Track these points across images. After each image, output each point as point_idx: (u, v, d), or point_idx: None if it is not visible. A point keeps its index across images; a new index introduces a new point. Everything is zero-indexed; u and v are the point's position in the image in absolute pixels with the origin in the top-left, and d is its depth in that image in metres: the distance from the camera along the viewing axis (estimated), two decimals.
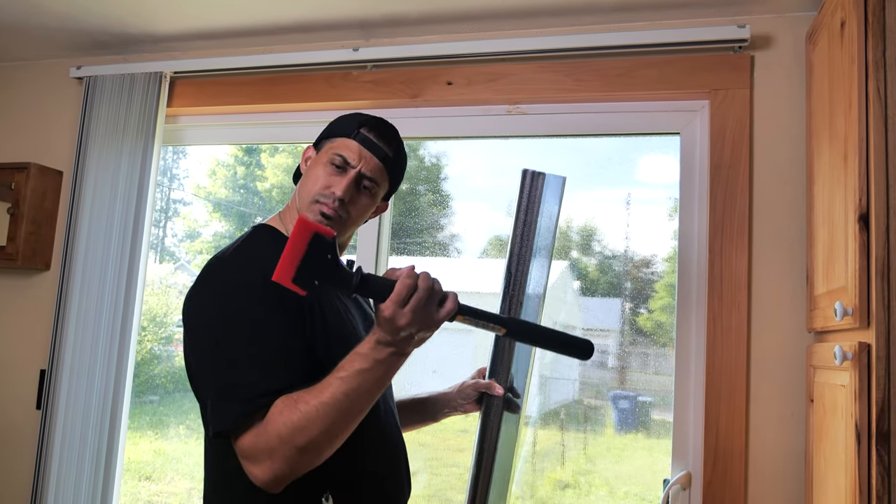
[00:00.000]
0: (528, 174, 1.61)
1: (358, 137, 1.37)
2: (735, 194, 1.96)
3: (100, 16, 2.35)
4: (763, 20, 2.03)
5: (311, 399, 1.10)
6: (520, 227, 1.58)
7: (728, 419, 1.89)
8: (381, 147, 1.38)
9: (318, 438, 1.10)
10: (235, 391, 1.12)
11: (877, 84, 1.37)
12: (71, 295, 2.41)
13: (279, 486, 1.11)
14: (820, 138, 1.73)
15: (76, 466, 2.31)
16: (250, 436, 1.11)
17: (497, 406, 1.55)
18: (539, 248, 1.58)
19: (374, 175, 1.37)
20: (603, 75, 2.11)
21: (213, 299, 1.22)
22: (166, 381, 2.74)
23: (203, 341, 1.21)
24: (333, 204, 1.33)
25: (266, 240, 1.35)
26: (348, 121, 1.41)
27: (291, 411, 1.09)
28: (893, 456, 1.27)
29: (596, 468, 2.20)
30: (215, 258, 1.30)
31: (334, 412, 1.10)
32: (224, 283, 1.22)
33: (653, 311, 2.20)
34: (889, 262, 1.32)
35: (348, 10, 2.19)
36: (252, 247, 1.32)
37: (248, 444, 1.11)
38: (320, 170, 1.36)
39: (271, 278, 1.08)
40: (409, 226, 2.41)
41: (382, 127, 1.41)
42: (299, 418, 1.09)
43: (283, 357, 1.17)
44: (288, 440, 1.08)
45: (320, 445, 1.11)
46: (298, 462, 1.10)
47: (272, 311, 1.18)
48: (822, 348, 1.65)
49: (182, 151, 2.83)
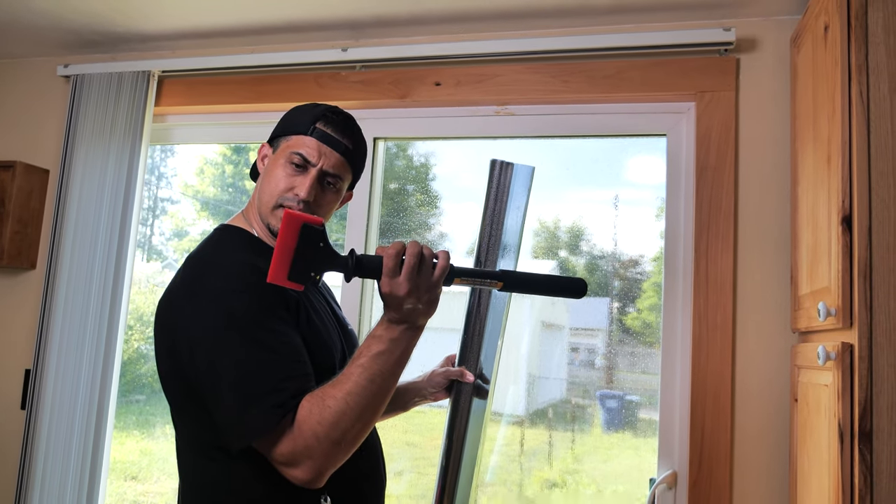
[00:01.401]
0: (497, 164, 1.62)
1: (315, 134, 1.32)
2: (721, 195, 1.98)
3: (88, 14, 2.34)
4: (748, 23, 2.05)
5: (336, 392, 1.11)
6: (489, 218, 1.59)
7: (713, 418, 1.90)
8: (340, 140, 1.34)
9: (353, 428, 1.11)
10: (261, 399, 1.10)
11: (860, 87, 1.39)
12: (57, 294, 2.40)
13: (322, 482, 1.12)
14: (804, 140, 1.75)
15: (61, 467, 2.30)
16: (287, 441, 1.10)
17: (467, 393, 1.56)
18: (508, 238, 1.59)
19: (336, 171, 1.34)
20: (590, 77, 2.12)
21: (207, 310, 1.17)
22: (152, 381, 2.72)
23: (208, 354, 1.15)
24: (298, 206, 1.30)
25: (238, 242, 1.33)
26: (302, 116, 1.35)
27: (321, 409, 1.10)
28: (876, 455, 1.29)
29: (583, 467, 2.21)
30: (192, 267, 1.26)
31: (362, 400, 1.11)
32: (216, 293, 1.18)
33: (640, 310, 2.21)
34: (871, 263, 1.34)
35: (337, 10, 2.19)
36: (228, 252, 1.29)
37: (286, 450, 1.10)
38: (280, 170, 1.32)
39: (266, 280, 1.08)
40: (397, 225, 2.41)
41: (339, 119, 1.36)
42: (331, 414, 1.09)
43: (296, 356, 1.17)
44: (324, 437, 1.09)
45: (356, 434, 1.13)
46: (338, 455, 1.12)
47: (272, 314, 1.18)
48: (805, 348, 1.67)
49: (170, 150, 2.82)
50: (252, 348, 1.14)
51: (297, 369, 1.15)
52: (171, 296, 1.25)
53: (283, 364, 1.14)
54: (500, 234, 1.59)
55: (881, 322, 1.32)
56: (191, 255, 1.31)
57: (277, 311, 1.19)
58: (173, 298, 1.25)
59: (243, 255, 1.26)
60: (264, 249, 1.32)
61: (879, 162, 1.36)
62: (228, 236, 1.35)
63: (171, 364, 1.24)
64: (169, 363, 1.25)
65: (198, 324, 1.18)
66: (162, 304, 1.28)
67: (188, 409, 1.25)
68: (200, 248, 1.33)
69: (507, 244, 1.60)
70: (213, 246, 1.32)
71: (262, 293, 1.18)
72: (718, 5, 2.01)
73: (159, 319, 1.27)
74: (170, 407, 1.30)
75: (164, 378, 1.28)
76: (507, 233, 1.59)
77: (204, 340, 1.16)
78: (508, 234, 1.60)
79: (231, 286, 1.19)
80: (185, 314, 1.20)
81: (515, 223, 1.61)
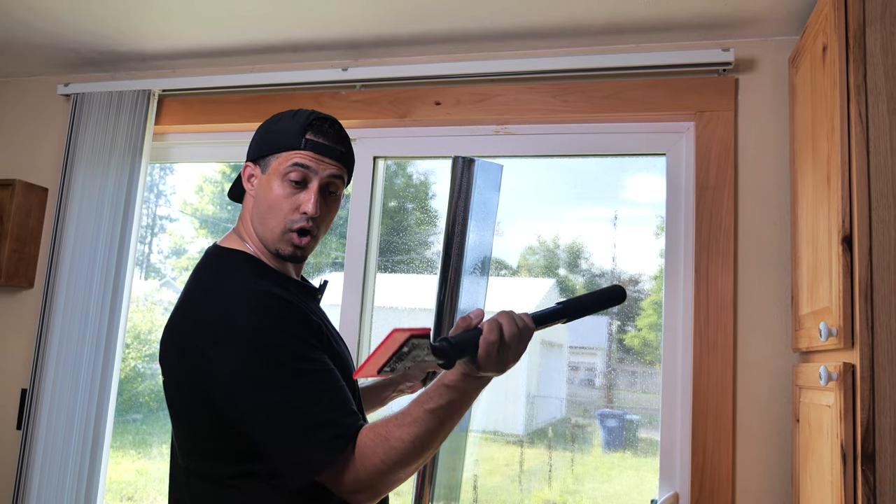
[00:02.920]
0: (459, 161, 1.61)
1: (308, 146, 1.27)
2: (721, 214, 1.98)
3: (88, 33, 2.35)
4: (747, 44, 2.06)
5: (403, 435, 1.12)
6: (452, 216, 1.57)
7: (715, 439, 1.89)
8: (334, 147, 1.30)
9: (412, 468, 1.15)
10: (319, 432, 1.11)
11: (858, 108, 1.39)
12: (54, 313, 2.39)
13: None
14: (803, 160, 1.75)
15: (57, 487, 2.27)
16: (350, 473, 1.12)
17: None
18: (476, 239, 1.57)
19: (335, 178, 1.30)
20: (590, 97, 2.13)
21: (241, 350, 1.14)
22: (150, 400, 2.71)
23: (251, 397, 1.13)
24: (308, 224, 1.27)
25: (247, 267, 1.29)
26: (288, 128, 1.29)
27: (386, 448, 1.11)
28: (879, 476, 1.28)
29: (583, 487, 2.20)
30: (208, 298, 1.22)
31: (426, 445, 1.13)
32: (247, 331, 1.15)
33: (640, 329, 2.21)
34: (872, 283, 1.33)
35: (338, 30, 2.21)
36: (242, 280, 1.25)
37: (349, 481, 1.12)
38: (278, 190, 1.27)
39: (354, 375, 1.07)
40: (396, 244, 2.41)
41: (327, 125, 1.30)
42: (396, 455, 1.11)
43: (338, 383, 1.17)
44: (388, 473, 1.12)
45: (414, 471, 1.18)
46: (397, 485, 1.16)
47: (305, 343, 1.18)
48: (807, 368, 1.66)
49: (169, 167, 2.82)
50: (297, 383, 1.13)
51: (343, 397, 1.17)
52: (188, 328, 1.21)
53: (331, 394, 1.15)
54: (466, 235, 1.57)
55: (883, 342, 1.31)
56: (198, 281, 1.27)
57: (310, 339, 1.19)
58: (193, 332, 1.20)
59: (258, 283, 1.23)
60: (269, 272, 1.30)
61: (879, 182, 1.36)
62: (234, 262, 1.30)
63: (193, 400, 1.21)
64: (191, 399, 1.21)
65: (232, 365, 1.14)
66: (175, 335, 1.24)
67: (210, 445, 1.22)
68: (208, 275, 1.28)
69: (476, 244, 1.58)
70: (223, 273, 1.27)
71: (292, 324, 1.18)
72: (717, 26, 2.02)
73: (173, 352, 1.23)
74: (180, 439, 1.27)
75: (182, 412, 1.25)
76: (472, 232, 1.58)
77: (244, 382, 1.14)
78: (476, 234, 1.58)
79: (260, 322, 1.16)
80: (215, 354, 1.16)
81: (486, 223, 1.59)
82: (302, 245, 1.29)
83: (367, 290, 2.31)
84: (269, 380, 1.13)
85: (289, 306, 1.20)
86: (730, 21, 1.99)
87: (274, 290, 1.21)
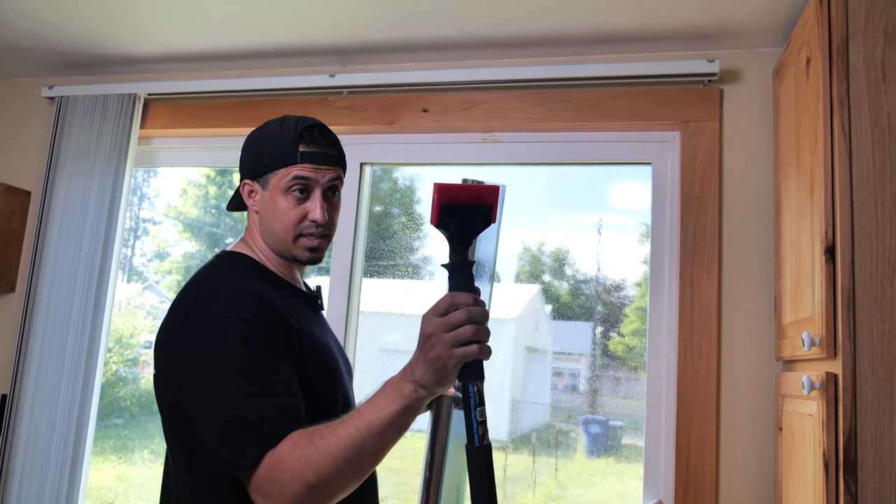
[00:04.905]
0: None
1: (304, 158, 1.29)
2: (705, 224, 2.00)
3: (73, 36, 2.33)
4: (732, 55, 2.08)
5: (327, 433, 1.07)
6: None
7: (699, 446, 1.91)
8: (328, 153, 1.32)
9: (330, 477, 1.05)
10: (247, 429, 1.08)
11: (841, 120, 1.41)
12: (36, 317, 2.36)
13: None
14: (787, 171, 1.77)
15: (37, 493, 2.25)
16: (263, 468, 1.06)
17: (448, 405, 1.55)
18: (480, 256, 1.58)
19: (335, 181, 1.34)
20: (576, 105, 2.14)
21: (203, 338, 1.16)
22: (131, 404, 2.68)
23: (200, 382, 1.13)
24: (318, 231, 1.31)
25: (243, 267, 1.32)
26: (279, 143, 1.31)
27: (306, 446, 1.06)
28: (860, 485, 1.29)
29: (567, 493, 2.20)
30: (194, 293, 1.25)
31: (348, 451, 1.06)
32: (214, 320, 1.17)
33: (623, 335, 2.22)
34: (854, 293, 1.35)
35: (325, 36, 2.21)
36: (232, 277, 1.28)
37: (262, 478, 1.06)
38: (283, 204, 1.30)
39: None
40: (382, 249, 2.41)
41: (316, 132, 1.32)
42: (315, 456, 1.05)
43: (286, 388, 1.14)
44: (299, 476, 1.04)
45: (331, 484, 1.06)
46: (307, 500, 1.05)
47: (267, 345, 1.16)
48: (790, 377, 1.68)
49: (153, 170, 2.80)
50: (242, 379, 1.12)
51: (285, 402, 1.13)
52: (169, 327, 1.23)
53: (272, 396, 1.12)
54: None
55: (865, 352, 1.33)
56: (191, 278, 1.29)
57: (274, 342, 1.17)
58: (171, 331, 1.22)
59: (247, 281, 1.25)
60: (270, 277, 1.33)
61: (862, 193, 1.38)
62: (233, 262, 1.33)
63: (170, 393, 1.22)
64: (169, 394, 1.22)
65: (192, 354, 1.16)
66: (160, 329, 1.25)
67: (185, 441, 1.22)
68: (201, 271, 1.31)
69: (480, 263, 1.60)
70: (216, 270, 1.31)
71: (261, 322, 1.17)
72: (702, 37, 2.04)
73: (158, 346, 1.24)
74: (172, 441, 1.26)
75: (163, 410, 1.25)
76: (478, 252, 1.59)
77: (195, 369, 1.14)
78: (481, 253, 1.60)
79: (230, 313, 1.17)
80: (178, 344, 1.18)
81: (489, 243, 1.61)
82: (316, 246, 1.33)
83: (352, 295, 2.30)
84: (215, 371, 1.12)
85: (264, 305, 1.19)
86: (715, 32, 2.01)
87: (257, 289, 1.22)
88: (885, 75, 1.41)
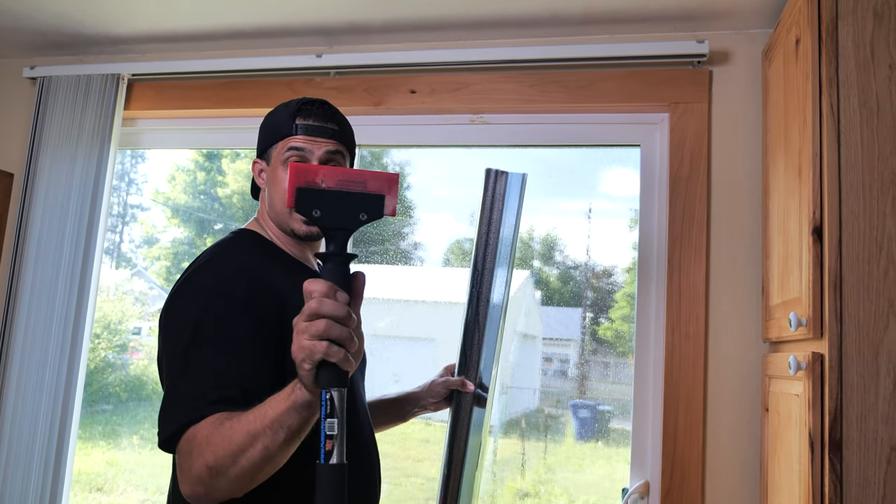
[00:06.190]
0: (493, 173, 1.62)
1: (299, 130, 1.33)
2: (694, 206, 1.99)
3: (55, 15, 2.29)
4: (721, 36, 2.07)
5: (234, 418, 1.02)
6: (485, 227, 1.59)
7: (686, 428, 1.91)
8: (325, 126, 1.35)
9: (224, 461, 1.00)
10: (185, 400, 1.08)
11: (830, 101, 1.41)
12: (19, 302, 2.34)
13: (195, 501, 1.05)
14: (775, 152, 1.77)
15: (22, 478, 2.23)
16: (183, 443, 1.05)
17: (467, 402, 1.55)
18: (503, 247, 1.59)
19: (333, 155, 1.36)
20: (565, 87, 2.13)
21: (187, 305, 1.19)
22: (120, 390, 2.67)
23: (171, 346, 1.17)
24: None
25: (248, 243, 1.34)
26: (280, 120, 1.37)
27: (215, 427, 1.03)
28: (845, 464, 1.30)
29: (555, 477, 2.21)
30: (197, 262, 1.28)
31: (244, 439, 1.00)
32: (201, 290, 1.20)
33: (613, 320, 2.22)
34: (841, 274, 1.35)
35: (311, 16, 2.18)
36: (234, 253, 1.30)
37: (180, 451, 1.06)
38: (281, 175, 1.34)
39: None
40: (371, 234, 2.40)
41: (315, 107, 1.36)
42: (216, 435, 1.01)
43: (244, 367, 1.12)
44: (201, 454, 1.01)
45: (227, 472, 1.00)
46: (209, 483, 1.01)
47: (246, 319, 1.15)
48: (776, 358, 1.68)
49: (140, 155, 2.77)
50: (208, 350, 1.12)
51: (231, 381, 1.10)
52: (170, 292, 1.26)
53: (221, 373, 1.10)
54: (498, 243, 1.59)
55: (851, 332, 1.33)
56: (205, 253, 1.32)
57: (246, 320, 1.16)
58: (169, 295, 1.25)
59: (247, 258, 1.27)
60: (276, 254, 1.34)
61: (849, 174, 1.38)
62: (240, 237, 1.36)
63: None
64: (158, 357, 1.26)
65: (175, 319, 1.19)
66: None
67: None
68: (210, 247, 1.33)
69: (502, 253, 1.60)
70: (221, 245, 1.33)
71: (238, 298, 1.17)
72: (691, 18, 2.03)
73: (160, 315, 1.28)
74: None
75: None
76: (503, 242, 1.59)
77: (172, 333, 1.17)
78: (504, 244, 1.60)
79: (208, 285, 1.19)
80: (169, 308, 1.22)
81: (510, 231, 1.61)
82: None
83: None
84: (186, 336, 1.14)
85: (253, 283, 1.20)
86: (704, 13, 2.00)
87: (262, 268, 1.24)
88: (874, 56, 1.40)
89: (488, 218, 1.60)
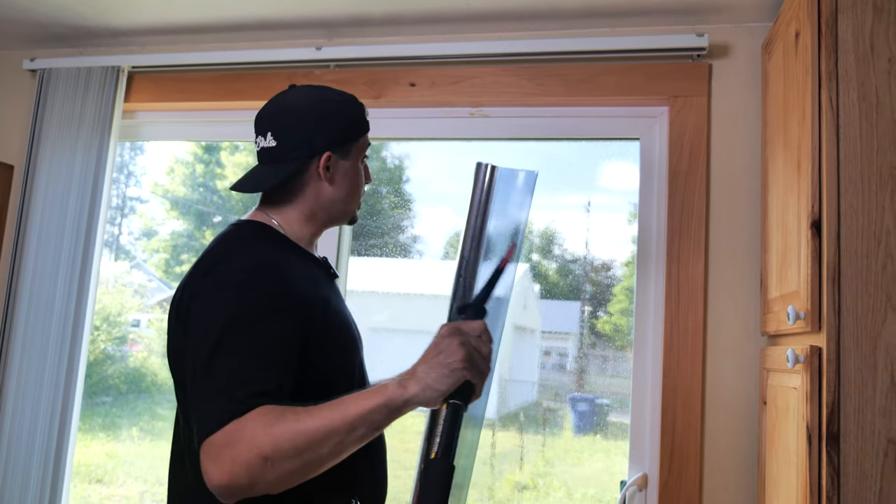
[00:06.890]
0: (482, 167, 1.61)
1: (369, 128, 1.44)
2: (693, 200, 1.99)
3: (55, 7, 2.29)
4: (721, 30, 2.07)
5: (301, 411, 1.04)
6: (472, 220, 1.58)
7: (684, 421, 1.92)
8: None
9: (286, 453, 1.01)
10: (225, 392, 1.05)
11: (829, 94, 1.41)
12: (20, 294, 2.34)
13: (231, 496, 1.03)
14: (775, 146, 1.77)
15: (23, 469, 2.24)
16: (221, 434, 1.02)
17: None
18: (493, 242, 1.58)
19: None
20: (565, 80, 2.12)
21: (217, 299, 1.16)
22: (119, 382, 2.68)
23: (200, 339, 1.13)
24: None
25: (262, 235, 1.32)
26: (358, 115, 1.41)
27: (274, 418, 1.02)
28: (843, 457, 1.30)
29: (554, 470, 2.22)
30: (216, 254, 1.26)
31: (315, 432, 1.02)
32: (232, 283, 1.17)
33: (611, 314, 2.23)
34: (840, 267, 1.35)
35: (312, 9, 2.18)
36: (252, 243, 1.28)
37: (217, 442, 1.02)
38: (359, 168, 1.42)
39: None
40: (370, 227, 2.40)
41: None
42: (277, 425, 1.02)
43: (278, 360, 1.12)
44: (256, 444, 1.00)
45: (284, 463, 1.02)
46: (259, 475, 1.01)
47: (277, 313, 1.15)
48: (775, 351, 1.69)
49: (140, 148, 2.77)
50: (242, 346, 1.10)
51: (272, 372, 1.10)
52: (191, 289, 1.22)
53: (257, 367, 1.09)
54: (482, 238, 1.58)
55: (849, 326, 1.33)
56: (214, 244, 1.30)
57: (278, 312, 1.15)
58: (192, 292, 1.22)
59: (270, 251, 1.26)
60: (288, 245, 1.33)
61: (848, 168, 1.38)
62: (252, 229, 1.33)
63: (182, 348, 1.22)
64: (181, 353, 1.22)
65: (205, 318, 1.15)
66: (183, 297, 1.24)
67: None
68: (224, 238, 1.30)
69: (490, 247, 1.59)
70: (240, 237, 1.31)
71: (274, 294, 1.17)
72: (691, 11, 2.03)
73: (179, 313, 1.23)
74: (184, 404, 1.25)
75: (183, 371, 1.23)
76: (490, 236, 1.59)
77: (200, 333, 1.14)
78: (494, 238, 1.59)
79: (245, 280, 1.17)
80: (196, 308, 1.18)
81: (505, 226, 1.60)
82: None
83: (340, 273, 2.29)
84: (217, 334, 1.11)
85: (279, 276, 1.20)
86: (704, 6, 1.99)
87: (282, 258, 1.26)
88: (873, 49, 1.40)
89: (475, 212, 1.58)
